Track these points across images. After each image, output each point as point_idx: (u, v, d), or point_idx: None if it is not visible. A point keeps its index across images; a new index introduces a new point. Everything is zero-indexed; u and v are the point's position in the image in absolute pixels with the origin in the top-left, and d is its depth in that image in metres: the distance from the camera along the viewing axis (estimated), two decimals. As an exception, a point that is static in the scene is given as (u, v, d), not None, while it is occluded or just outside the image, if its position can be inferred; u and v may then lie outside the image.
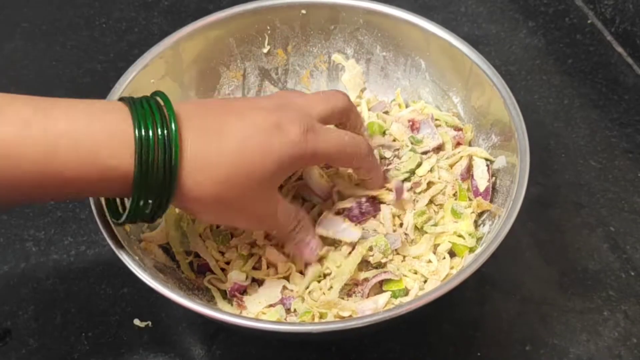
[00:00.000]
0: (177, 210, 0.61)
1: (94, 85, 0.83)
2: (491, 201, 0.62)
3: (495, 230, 0.54)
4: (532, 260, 0.66)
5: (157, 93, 0.48)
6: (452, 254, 0.60)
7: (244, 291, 0.59)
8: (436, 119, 0.68)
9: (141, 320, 0.62)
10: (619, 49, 0.84)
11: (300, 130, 0.49)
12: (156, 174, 0.44)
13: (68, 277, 0.66)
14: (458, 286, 0.50)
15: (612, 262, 0.65)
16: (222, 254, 0.61)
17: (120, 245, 0.53)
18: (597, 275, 0.65)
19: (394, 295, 0.57)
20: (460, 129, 0.68)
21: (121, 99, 0.47)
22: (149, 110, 0.45)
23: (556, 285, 0.64)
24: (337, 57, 0.73)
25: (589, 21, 0.88)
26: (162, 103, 0.47)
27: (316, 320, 0.56)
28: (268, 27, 0.70)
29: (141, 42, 0.87)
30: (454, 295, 0.63)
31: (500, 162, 0.63)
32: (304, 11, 0.69)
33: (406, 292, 0.57)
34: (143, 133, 0.44)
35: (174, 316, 0.63)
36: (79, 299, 0.64)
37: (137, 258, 0.53)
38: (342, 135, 0.54)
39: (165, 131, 0.44)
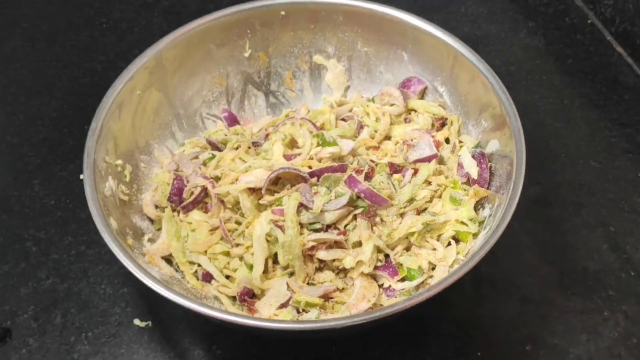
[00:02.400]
0: (176, 220, 0.62)
1: (93, 85, 0.83)
2: (488, 185, 0.62)
3: (499, 217, 0.54)
4: (532, 260, 0.66)
5: None
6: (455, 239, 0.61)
7: (252, 295, 0.59)
8: (413, 110, 0.70)
9: (141, 320, 0.62)
10: (619, 49, 0.84)
11: None
12: None
13: (68, 277, 0.66)
14: (460, 277, 0.51)
15: (612, 262, 0.65)
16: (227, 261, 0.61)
17: (122, 249, 0.53)
18: (597, 275, 0.65)
19: (410, 276, 0.59)
20: (444, 119, 0.68)
21: None
22: None
23: (556, 285, 0.64)
24: (318, 58, 0.73)
25: (589, 21, 0.88)
26: None
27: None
28: (248, 31, 0.70)
29: (141, 42, 0.86)
30: (454, 295, 0.64)
31: (493, 146, 0.63)
32: (283, 12, 0.70)
33: (421, 272, 0.59)
34: None
35: (174, 316, 0.63)
36: (79, 299, 0.64)
37: (132, 251, 0.53)
38: None
39: None
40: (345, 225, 0.59)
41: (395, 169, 0.63)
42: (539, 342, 0.61)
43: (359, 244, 0.58)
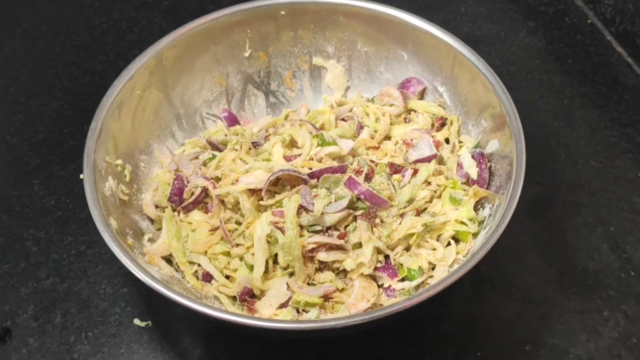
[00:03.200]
0: (176, 220, 0.62)
1: (93, 85, 0.83)
2: (488, 185, 0.62)
3: (499, 217, 0.55)
4: (532, 260, 0.66)
5: None
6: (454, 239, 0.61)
7: (252, 295, 0.59)
8: (412, 110, 0.70)
9: (141, 320, 0.62)
10: (619, 49, 0.84)
11: None
12: None
13: (68, 276, 0.66)
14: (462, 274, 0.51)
15: (612, 262, 0.65)
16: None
17: (122, 249, 0.53)
18: (597, 275, 0.65)
19: (410, 276, 0.58)
20: (444, 119, 0.68)
21: None
22: None
23: (556, 285, 0.64)
24: (317, 61, 0.73)
25: (589, 21, 0.88)
26: None
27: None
28: (248, 31, 0.70)
29: (141, 42, 0.86)
30: (453, 295, 0.64)
31: (493, 146, 0.63)
32: (283, 12, 0.70)
33: (421, 272, 0.59)
34: None
35: (174, 316, 0.63)
36: (79, 298, 0.64)
37: (132, 251, 0.53)
38: None
39: None
40: (346, 227, 0.59)
41: (395, 169, 0.63)
42: (539, 342, 0.61)
43: (359, 245, 0.58)
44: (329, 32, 0.71)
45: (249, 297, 0.58)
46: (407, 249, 0.60)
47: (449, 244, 0.61)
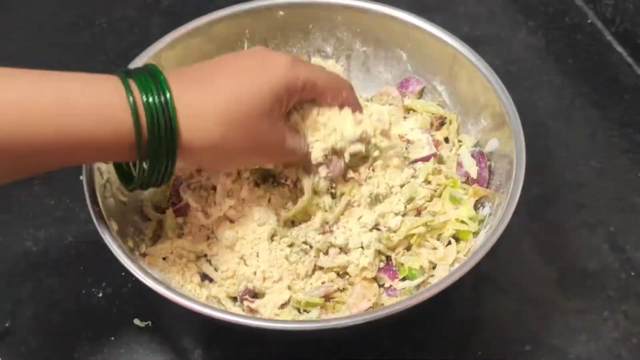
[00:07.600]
0: (177, 220, 0.62)
1: (94, 85, 0.82)
2: (488, 184, 0.62)
3: (499, 216, 0.54)
4: (532, 260, 0.66)
5: (148, 66, 0.50)
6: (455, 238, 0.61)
7: (254, 295, 0.59)
8: (412, 109, 0.69)
9: (141, 320, 0.62)
10: (619, 49, 0.84)
11: (287, 61, 0.51)
12: (157, 137, 0.46)
13: (68, 276, 0.66)
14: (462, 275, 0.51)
15: (612, 262, 0.65)
16: None
17: (122, 250, 0.54)
18: (597, 275, 0.65)
19: (411, 275, 0.58)
20: (443, 118, 0.68)
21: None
22: (145, 79, 0.47)
23: (556, 285, 0.64)
24: (316, 61, 0.73)
25: (589, 21, 0.88)
26: (152, 71, 0.49)
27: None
28: (247, 31, 0.70)
29: (141, 42, 0.85)
30: (453, 295, 0.64)
31: (492, 145, 0.63)
32: (281, 12, 0.69)
33: (422, 271, 0.58)
34: (144, 99, 0.46)
35: (174, 316, 0.63)
36: (79, 298, 0.64)
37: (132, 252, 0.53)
38: (325, 71, 0.57)
39: (162, 97, 0.46)
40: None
41: (395, 168, 0.63)
42: (538, 342, 0.61)
43: None
44: (327, 32, 0.71)
45: (249, 297, 0.58)
46: (408, 248, 0.60)
47: (449, 243, 0.61)
